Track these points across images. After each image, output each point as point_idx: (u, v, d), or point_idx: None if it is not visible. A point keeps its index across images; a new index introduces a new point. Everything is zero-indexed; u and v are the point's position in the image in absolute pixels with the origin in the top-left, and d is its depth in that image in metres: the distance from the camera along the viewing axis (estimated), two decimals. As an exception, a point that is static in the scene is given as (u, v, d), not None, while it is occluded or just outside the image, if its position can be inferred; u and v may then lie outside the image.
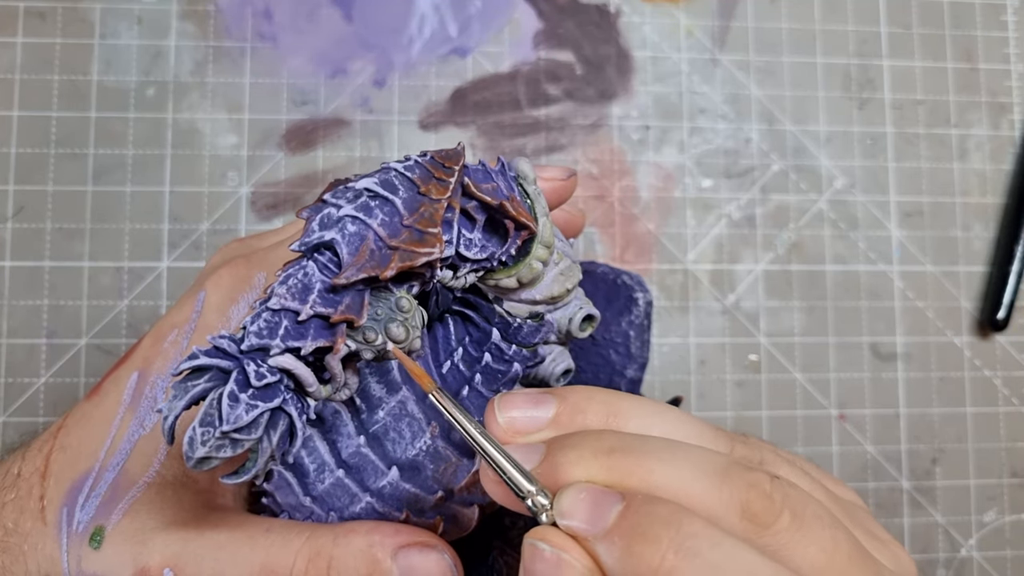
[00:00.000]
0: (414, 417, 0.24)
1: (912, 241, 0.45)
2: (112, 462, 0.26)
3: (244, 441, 0.20)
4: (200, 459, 0.19)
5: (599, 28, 0.45)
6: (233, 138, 0.43)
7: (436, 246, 0.21)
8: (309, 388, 0.21)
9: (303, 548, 0.23)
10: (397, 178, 0.22)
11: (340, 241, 0.21)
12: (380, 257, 0.21)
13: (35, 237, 0.41)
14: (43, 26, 0.42)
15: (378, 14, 0.44)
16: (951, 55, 0.47)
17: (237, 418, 0.19)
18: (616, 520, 0.18)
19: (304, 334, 0.20)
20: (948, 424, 0.44)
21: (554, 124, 0.44)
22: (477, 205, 0.23)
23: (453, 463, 0.24)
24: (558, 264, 0.26)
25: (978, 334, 0.45)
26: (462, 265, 0.24)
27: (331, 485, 0.24)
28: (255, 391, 0.20)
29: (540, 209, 0.25)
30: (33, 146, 0.41)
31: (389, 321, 0.21)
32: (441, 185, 0.22)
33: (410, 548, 0.23)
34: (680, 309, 0.44)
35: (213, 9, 0.43)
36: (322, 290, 0.21)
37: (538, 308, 0.26)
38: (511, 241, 0.24)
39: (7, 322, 0.41)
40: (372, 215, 0.21)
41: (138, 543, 0.24)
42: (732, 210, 0.45)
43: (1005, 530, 0.44)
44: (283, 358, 0.20)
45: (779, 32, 0.46)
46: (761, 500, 0.19)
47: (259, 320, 0.20)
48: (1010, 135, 0.46)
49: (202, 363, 0.20)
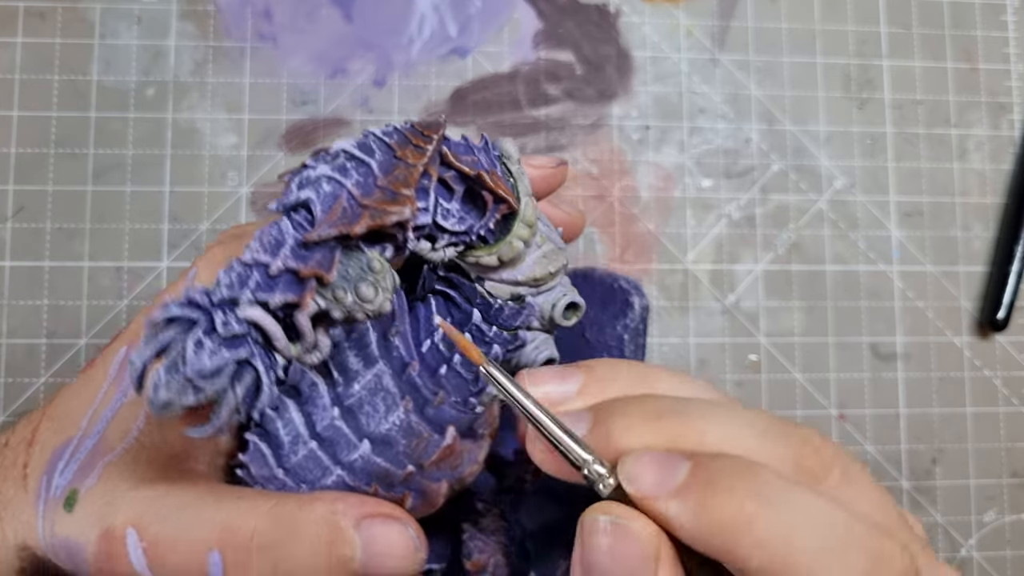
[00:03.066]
0: (389, 391, 0.24)
1: (912, 241, 0.45)
2: (94, 430, 0.26)
3: (207, 389, 0.20)
4: (163, 403, 0.20)
5: (599, 28, 0.45)
6: (233, 138, 0.43)
7: (407, 206, 0.22)
8: (277, 344, 0.21)
9: (268, 512, 0.23)
10: (375, 142, 0.23)
11: (315, 200, 0.21)
12: (351, 215, 0.21)
13: (35, 237, 0.41)
14: (43, 26, 0.42)
15: (378, 14, 0.44)
16: (951, 55, 0.47)
17: (201, 364, 0.20)
18: (687, 477, 0.18)
19: (273, 287, 0.21)
20: (948, 424, 0.44)
21: (554, 124, 0.44)
22: (456, 175, 0.24)
23: (425, 438, 0.24)
24: (541, 247, 0.26)
25: (978, 334, 0.45)
26: (440, 236, 0.24)
27: (304, 457, 0.24)
28: (222, 340, 0.20)
29: (523, 189, 0.25)
30: (33, 146, 0.41)
31: (359, 280, 0.22)
32: (418, 151, 0.23)
33: (374, 518, 0.23)
34: (680, 309, 0.44)
35: (213, 9, 0.43)
36: (294, 246, 0.21)
37: (520, 290, 0.26)
38: (489, 214, 0.24)
39: (7, 322, 0.41)
40: (347, 176, 0.22)
41: (106, 504, 0.24)
42: (732, 210, 0.45)
43: (1005, 530, 0.44)
44: (252, 310, 0.21)
45: (779, 32, 0.46)
46: (814, 455, 0.19)
47: (231, 273, 0.21)
48: (1010, 135, 0.46)
49: (173, 314, 0.20)
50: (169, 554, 0.23)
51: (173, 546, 0.23)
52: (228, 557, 0.23)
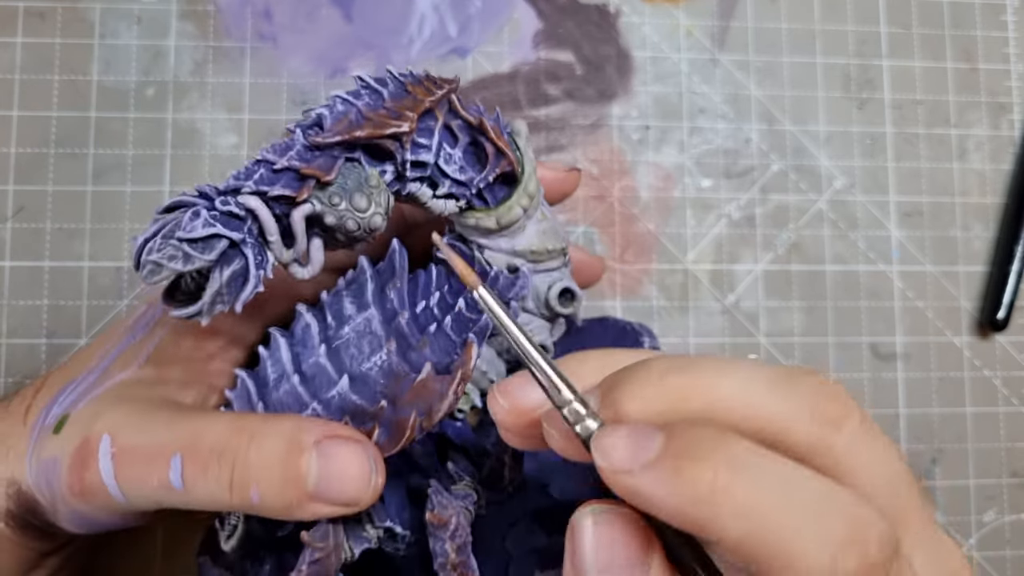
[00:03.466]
0: (376, 334, 0.25)
1: (912, 241, 0.45)
2: (98, 367, 0.27)
3: (196, 258, 0.21)
4: (153, 264, 0.21)
5: (599, 28, 0.45)
6: (233, 138, 0.43)
7: (407, 123, 0.23)
8: (270, 237, 0.22)
9: (231, 421, 0.24)
10: (390, 78, 0.25)
11: (327, 115, 0.23)
12: (355, 124, 0.23)
13: (35, 237, 0.41)
14: (43, 26, 0.42)
15: (378, 14, 0.44)
16: (951, 55, 0.47)
17: (193, 228, 0.21)
18: (660, 449, 0.17)
19: (275, 181, 0.22)
20: (948, 424, 0.44)
21: (554, 124, 0.44)
22: (462, 124, 0.25)
23: (402, 377, 0.25)
24: (541, 222, 0.27)
25: (978, 334, 0.45)
26: (441, 182, 0.25)
27: (284, 393, 0.25)
28: (218, 214, 0.22)
29: (528, 161, 0.26)
30: (33, 146, 0.41)
31: (356, 190, 0.23)
32: (427, 91, 0.25)
33: (334, 439, 0.23)
34: (680, 309, 0.44)
35: (213, 9, 0.43)
36: (301, 149, 0.23)
37: (516, 261, 0.27)
38: (490, 168, 0.25)
39: (7, 322, 0.41)
40: (359, 98, 0.24)
41: (90, 418, 0.25)
42: (732, 210, 0.45)
43: (1005, 530, 0.44)
44: (251, 198, 0.22)
45: (779, 32, 0.46)
46: (831, 401, 0.18)
47: (240, 169, 0.23)
48: (1010, 135, 0.46)
49: (181, 200, 0.22)
50: (134, 460, 0.24)
51: (139, 452, 0.24)
52: (187, 461, 0.23)
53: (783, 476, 0.17)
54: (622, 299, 0.44)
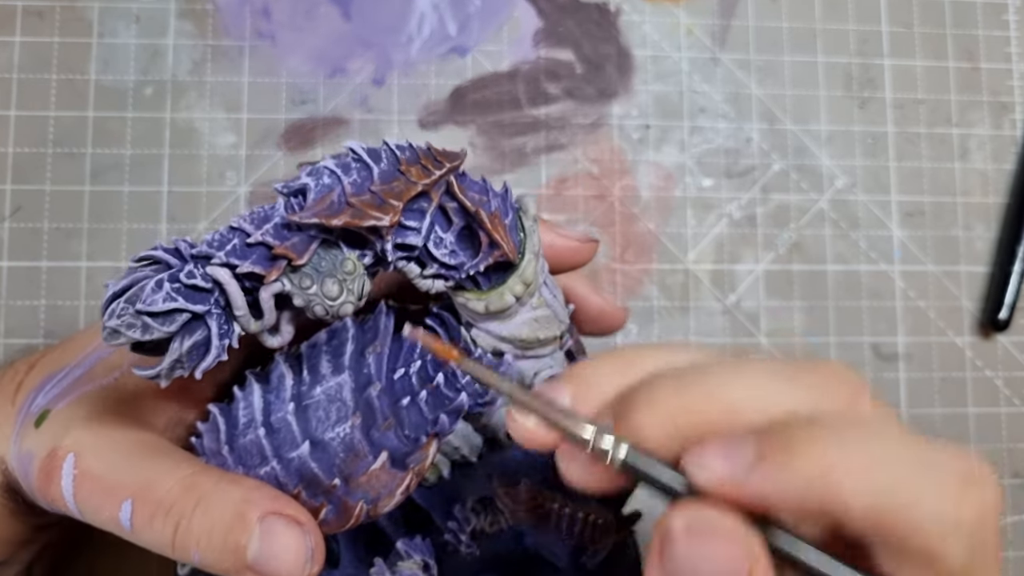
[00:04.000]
0: (345, 403, 0.25)
1: (913, 241, 0.45)
2: (85, 362, 0.28)
3: (155, 329, 0.21)
4: (111, 330, 0.21)
5: (599, 27, 0.45)
6: (231, 137, 0.42)
7: (388, 215, 0.22)
8: (237, 312, 0.22)
9: (183, 478, 0.24)
10: (385, 151, 0.23)
11: (311, 187, 0.22)
12: (335, 208, 0.22)
13: (32, 237, 0.41)
14: (41, 25, 0.42)
15: (377, 12, 0.44)
16: (952, 54, 0.46)
17: (152, 302, 0.21)
18: (756, 450, 0.17)
19: (246, 256, 0.22)
20: (949, 424, 0.44)
21: (554, 123, 0.44)
22: (457, 208, 0.24)
23: (360, 456, 0.24)
24: (536, 309, 0.26)
25: (980, 334, 0.45)
26: (429, 264, 0.24)
27: (250, 441, 0.25)
28: (182, 287, 0.21)
29: (530, 246, 0.25)
30: (30, 145, 0.41)
31: (328, 275, 0.22)
32: (424, 171, 0.23)
33: (279, 517, 0.23)
34: (680, 309, 0.44)
35: (211, 8, 0.43)
36: (278, 224, 0.22)
37: (503, 346, 0.26)
38: (482, 256, 0.24)
39: (5, 322, 0.40)
40: (348, 173, 0.23)
41: (63, 427, 0.26)
42: (733, 210, 0.44)
43: (1006, 530, 0.44)
44: (219, 269, 0.22)
45: (780, 31, 0.46)
46: (842, 385, 0.19)
47: (215, 234, 0.22)
48: (1012, 135, 0.46)
49: (154, 255, 0.22)
50: (92, 490, 0.24)
51: (97, 483, 0.24)
52: (137, 510, 0.24)
53: (888, 442, 0.17)
54: (622, 299, 0.43)
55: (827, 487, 0.17)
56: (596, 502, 0.27)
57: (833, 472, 0.17)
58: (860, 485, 0.17)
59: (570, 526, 0.26)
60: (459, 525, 0.27)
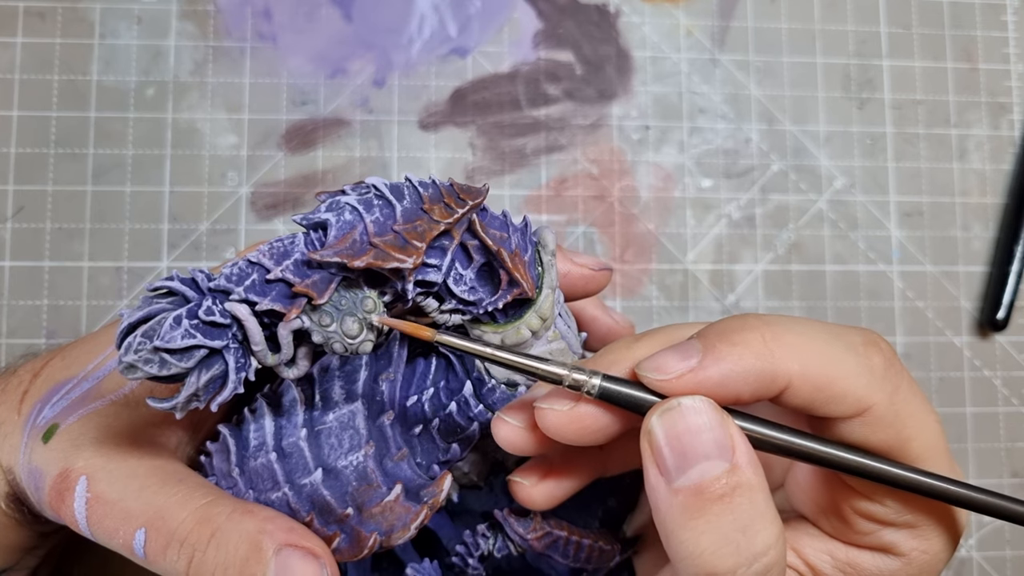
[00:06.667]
0: (358, 431, 0.25)
1: (912, 241, 0.45)
2: (94, 375, 0.27)
3: (172, 365, 0.20)
4: (128, 364, 0.20)
5: (599, 28, 0.45)
6: (233, 138, 0.43)
7: (412, 257, 0.22)
8: (255, 347, 0.22)
9: (197, 509, 0.24)
10: (407, 188, 0.23)
11: (332, 223, 0.22)
12: (357, 248, 0.22)
13: (35, 237, 0.41)
14: (43, 26, 0.42)
15: (378, 14, 0.44)
16: (951, 55, 0.47)
17: (171, 339, 0.20)
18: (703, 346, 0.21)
19: (266, 292, 0.21)
20: (948, 424, 0.44)
21: (554, 124, 0.44)
22: (478, 245, 0.24)
23: (374, 486, 0.24)
24: (551, 343, 0.26)
25: (978, 334, 0.45)
26: (448, 299, 0.24)
27: (261, 465, 0.25)
28: (200, 323, 0.21)
29: (548, 281, 0.25)
30: (33, 146, 0.41)
31: (348, 314, 0.22)
32: (446, 210, 0.23)
33: (295, 549, 0.23)
34: (680, 309, 0.44)
35: (213, 9, 0.43)
36: (299, 260, 0.22)
37: (516, 378, 0.26)
38: (501, 294, 0.24)
39: (7, 322, 0.41)
40: (370, 211, 0.22)
41: (74, 446, 0.25)
42: (732, 210, 0.45)
43: (1005, 530, 0.44)
44: (238, 306, 0.21)
45: (779, 32, 0.46)
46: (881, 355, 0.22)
47: (234, 267, 0.22)
48: (1010, 135, 0.46)
49: (171, 286, 0.21)
50: (105, 515, 0.24)
51: (110, 509, 0.24)
52: (151, 539, 0.23)
53: (801, 322, 0.22)
54: (622, 299, 0.44)
55: (774, 363, 0.20)
56: (602, 528, 0.27)
57: (776, 347, 0.20)
58: (798, 356, 0.21)
59: (577, 552, 0.26)
60: (468, 550, 0.27)
